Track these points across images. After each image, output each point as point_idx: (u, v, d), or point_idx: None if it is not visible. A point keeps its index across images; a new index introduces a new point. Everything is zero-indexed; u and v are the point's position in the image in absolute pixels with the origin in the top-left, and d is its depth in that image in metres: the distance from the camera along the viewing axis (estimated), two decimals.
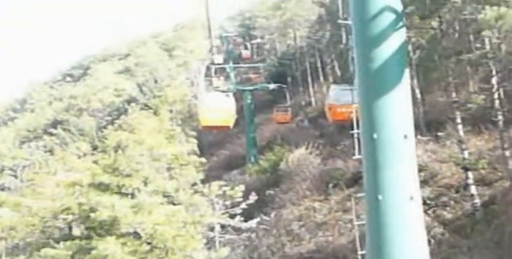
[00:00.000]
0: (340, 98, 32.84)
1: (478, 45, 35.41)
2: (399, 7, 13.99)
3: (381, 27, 13.81)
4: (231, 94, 41.71)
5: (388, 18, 13.83)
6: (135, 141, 34.92)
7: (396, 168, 14.00)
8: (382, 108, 13.96)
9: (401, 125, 14.16)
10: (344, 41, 30.57)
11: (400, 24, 14.01)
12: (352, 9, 14.63)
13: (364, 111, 14.44)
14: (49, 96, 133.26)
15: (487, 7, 26.44)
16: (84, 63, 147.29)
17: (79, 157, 69.99)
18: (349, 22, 15.53)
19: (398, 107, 14.05)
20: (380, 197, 14.00)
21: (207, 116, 40.06)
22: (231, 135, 67.67)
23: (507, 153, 31.67)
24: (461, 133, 32.97)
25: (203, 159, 40.34)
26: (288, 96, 62.80)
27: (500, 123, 31.93)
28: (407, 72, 14.40)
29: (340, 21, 23.41)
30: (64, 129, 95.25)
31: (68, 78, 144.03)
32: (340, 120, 35.28)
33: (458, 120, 33.09)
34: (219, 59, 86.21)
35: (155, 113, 70.07)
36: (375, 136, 14.03)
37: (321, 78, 70.85)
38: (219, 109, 39.42)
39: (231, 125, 41.99)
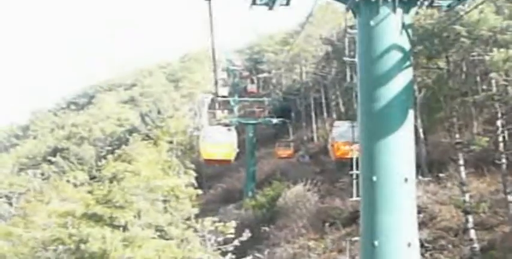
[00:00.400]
0: (343, 135, 31.95)
1: (485, 86, 35.00)
2: (407, 46, 13.53)
3: (387, 66, 13.34)
4: (233, 128, 40.56)
5: (395, 57, 13.36)
6: (132, 172, 34.35)
7: (395, 213, 13.31)
8: (383, 150, 13.35)
9: (403, 167, 13.48)
10: (348, 78, 29.88)
11: (407, 63, 13.53)
12: (358, 46, 14.19)
13: (364, 152, 13.83)
14: (52, 123, 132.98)
15: (494, 49, 26.03)
16: (89, 91, 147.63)
17: (75, 186, 69.29)
18: (355, 60, 14.99)
19: (400, 149, 13.45)
20: (376, 243, 13.27)
21: (208, 149, 39.07)
22: (230, 169, 66.92)
23: (509, 197, 31.03)
24: (463, 175, 32.35)
25: (199, 192, 39.58)
26: (291, 131, 62.23)
27: (504, 166, 31.38)
28: (411, 113, 13.85)
29: (345, 58, 22.89)
30: (63, 158, 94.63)
31: (73, 106, 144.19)
32: (343, 157, 33.52)
33: (461, 162, 32.49)
34: (224, 91, 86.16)
35: (155, 144, 69.57)
36: (374, 178, 13.36)
37: (325, 114, 70.31)
38: (220, 143, 38.63)
39: (232, 159, 40.56)
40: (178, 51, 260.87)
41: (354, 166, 14.99)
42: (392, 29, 13.38)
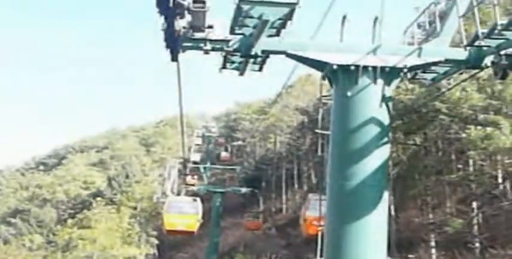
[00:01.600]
0: (317, 209, 29.49)
1: (460, 165, 34.11)
2: (386, 121, 12.28)
3: (363, 141, 12.04)
4: (198, 199, 39.13)
5: (373, 131, 12.10)
6: (88, 240, 32.44)
7: None
8: (353, 235, 11.90)
9: (373, 252, 12.08)
10: (319, 151, 28.49)
11: (385, 139, 12.22)
12: (333, 118, 12.91)
13: (331, 235, 12.37)
14: (16, 183, 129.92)
15: (471, 127, 25.22)
16: (61, 152, 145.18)
17: (31, 250, 66.53)
18: (328, 132, 13.78)
19: (371, 233, 11.95)
20: None
21: (171, 220, 37.84)
22: (194, 238, 64.77)
23: None
24: (434, 258, 30.92)
25: None
26: (261, 202, 60.19)
27: (477, 250, 30.10)
28: (386, 194, 12.38)
29: (317, 130, 21.57)
30: (23, 220, 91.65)
31: (41, 167, 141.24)
32: (315, 234, 30.99)
33: (432, 243, 31.14)
34: (196, 157, 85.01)
35: (118, 209, 67.68)
36: None
37: (296, 185, 69.18)
38: (184, 214, 37.66)
39: (195, 230, 39.22)
40: (153, 115, 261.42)
41: (319, 246, 13.61)
42: (372, 101, 12.11)
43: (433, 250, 31.04)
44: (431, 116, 30.83)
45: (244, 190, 60.30)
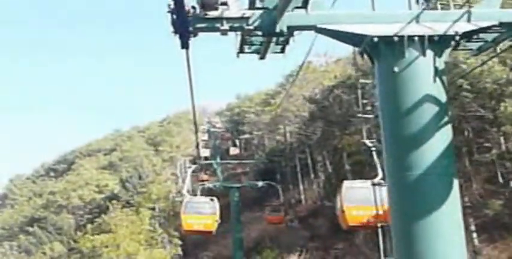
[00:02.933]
0: (358, 198, 26.73)
1: (488, 144, 32.58)
2: (443, 97, 10.80)
3: (420, 124, 10.51)
4: (215, 199, 39.24)
5: (430, 111, 10.60)
6: (111, 246, 31.32)
7: None
8: (425, 232, 10.42)
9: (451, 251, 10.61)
10: (364, 137, 26.91)
11: (445, 119, 10.72)
12: (380, 99, 11.31)
13: (400, 232, 10.82)
14: (29, 191, 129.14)
15: (507, 100, 23.70)
16: (68, 157, 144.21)
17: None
18: (368, 116, 12.35)
19: (445, 233, 10.44)
20: None
21: (189, 221, 38.47)
22: (216, 235, 63.66)
23: None
24: (476, 242, 29.54)
25: None
26: (281, 194, 58.67)
27: None
28: (456, 184, 10.76)
29: (359, 115, 19.97)
30: (41, 228, 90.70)
31: (52, 173, 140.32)
32: (357, 226, 28.30)
33: (473, 227, 29.71)
34: (205, 152, 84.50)
35: (137, 211, 66.62)
36: None
37: (312, 175, 67.84)
38: (202, 214, 38.20)
39: (214, 230, 39.56)
40: (156, 114, 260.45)
41: (381, 239, 12.20)
42: (423, 75, 10.64)
43: (474, 235, 29.57)
44: (453, 93, 29.32)
45: (260, 184, 59.29)
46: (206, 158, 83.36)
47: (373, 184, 25.05)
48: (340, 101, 53.52)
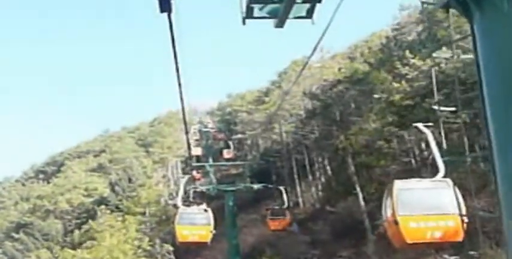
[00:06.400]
0: (415, 204, 19.85)
1: None
2: None
3: None
4: (209, 209, 38.85)
5: None
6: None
7: None
8: None
9: None
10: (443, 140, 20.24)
11: None
12: (484, 71, 7.54)
13: None
14: (17, 195, 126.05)
15: None
16: (58, 159, 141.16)
17: None
18: (448, 109, 9.23)
19: None
20: None
21: (183, 232, 38.18)
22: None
23: None
24: None
25: None
26: (285, 197, 54.93)
27: None
28: None
29: (435, 106, 16.68)
30: (28, 234, 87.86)
31: (41, 175, 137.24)
32: (418, 243, 20.45)
33: None
34: (197, 151, 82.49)
35: (127, 214, 64.30)
36: None
37: (310, 176, 65.41)
38: (196, 225, 37.93)
39: (209, 240, 38.70)
40: (146, 114, 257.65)
41: None
42: None
43: None
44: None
45: (256, 186, 56.70)
46: (198, 157, 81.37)
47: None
48: (343, 96, 51.31)
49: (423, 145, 40.71)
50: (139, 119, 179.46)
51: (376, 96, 42.17)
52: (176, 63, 12.02)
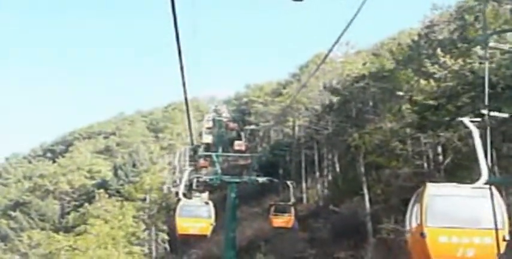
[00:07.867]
0: (448, 214, 16.51)
1: None
2: None
3: None
4: (210, 202, 38.67)
5: None
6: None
7: None
8: None
9: None
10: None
11: None
12: None
13: None
14: (22, 172, 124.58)
15: None
16: (68, 138, 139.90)
17: (30, 247, 61.48)
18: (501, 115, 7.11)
19: None
20: None
21: (184, 224, 38.19)
22: None
23: None
24: None
25: None
26: (291, 193, 52.17)
27: None
28: None
29: (484, 111, 14.05)
30: (24, 213, 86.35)
31: (49, 154, 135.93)
32: None
33: None
34: (208, 138, 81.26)
35: (126, 200, 62.65)
36: None
37: (317, 173, 63.41)
38: (196, 217, 37.95)
39: (209, 233, 38.71)
40: (162, 99, 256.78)
41: None
42: None
43: None
44: None
45: (261, 180, 54.86)
46: (208, 145, 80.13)
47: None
48: (364, 93, 49.15)
49: (439, 149, 38.45)
50: (155, 103, 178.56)
51: (400, 93, 40.04)
52: (180, 58, 12.00)
